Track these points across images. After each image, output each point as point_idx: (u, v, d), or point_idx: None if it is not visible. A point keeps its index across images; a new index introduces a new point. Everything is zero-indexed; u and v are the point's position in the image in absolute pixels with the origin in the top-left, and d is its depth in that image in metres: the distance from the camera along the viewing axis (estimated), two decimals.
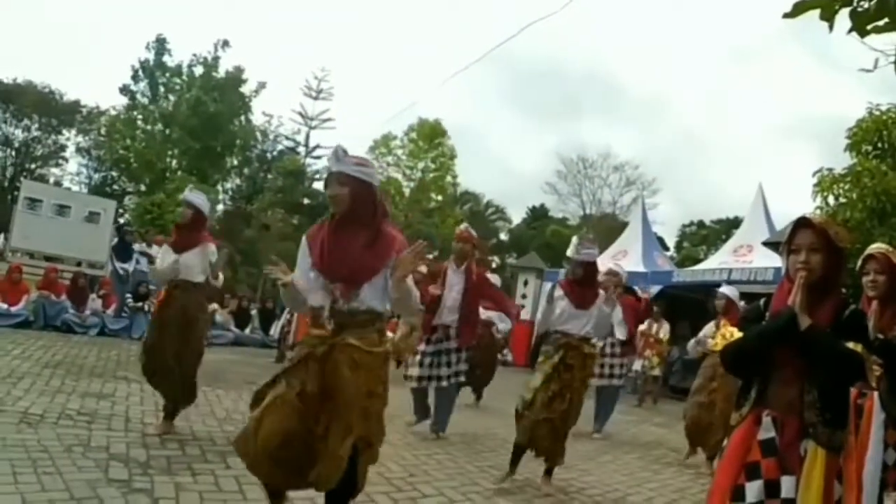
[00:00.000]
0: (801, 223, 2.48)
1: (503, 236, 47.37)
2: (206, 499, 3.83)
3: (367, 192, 3.12)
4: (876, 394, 3.48)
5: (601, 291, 5.33)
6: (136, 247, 12.86)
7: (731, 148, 61.21)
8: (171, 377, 5.27)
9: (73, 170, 41.65)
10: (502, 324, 9.27)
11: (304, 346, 3.14)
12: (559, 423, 5.00)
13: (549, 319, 5.26)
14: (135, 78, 34.39)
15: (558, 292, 5.24)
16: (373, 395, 3.04)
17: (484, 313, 9.25)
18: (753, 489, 2.33)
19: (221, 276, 5.72)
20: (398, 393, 5.97)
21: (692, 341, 7.06)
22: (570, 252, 5.30)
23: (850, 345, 2.36)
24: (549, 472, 5.15)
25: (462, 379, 6.65)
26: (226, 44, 34.28)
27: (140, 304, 12.06)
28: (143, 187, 33.58)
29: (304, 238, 3.33)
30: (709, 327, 6.83)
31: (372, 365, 3.04)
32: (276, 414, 2.94)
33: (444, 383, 6.34)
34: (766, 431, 2.40)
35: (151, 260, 5.62)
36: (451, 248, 6.60)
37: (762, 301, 2.69)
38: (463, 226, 6.78)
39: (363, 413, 2.99)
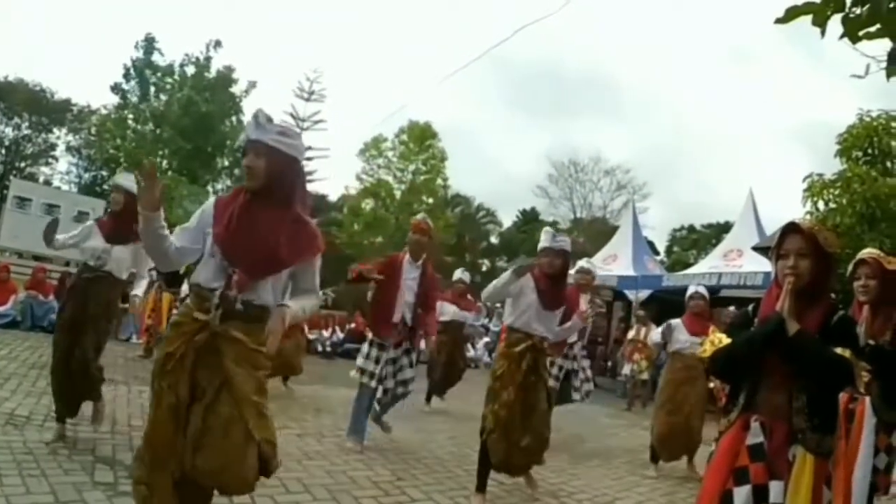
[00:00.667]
0: (790, 228, 2.49)
1: (494, 239, 47.44)
2: None
3: (286, 167, 2.72)
4: (868, 398, 3.49)
5: (583, 303, 5.21)
6: None
7: (722, 152, 61.52)
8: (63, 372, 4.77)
9: (63, 169, 41.67)
10: (474, 321, 9.05)
11: (179, 332, 2.66)
12: (539, 442, 4.72)
13: (502, 294, 4.78)
14: (126, 77, 34.29)
15: (529, 282, 4.72)
16: (262, 391, 2.68)
17: (458, 313, 9.22)
18: (742, 494, 2.33)
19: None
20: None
21: (657, 334, 6.84)
22: (545, 242, 4.78)
23: (839, 350, 2.35)
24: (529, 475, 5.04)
25: (409, 387, 6.06)
26: (218, 44, 34.25)
27: (126, 305, 11.90)
28: None
29: (211, 200, 2.90)
30: (675, 323, 6.58)
31: (258, 363, 2.68)
32: (154, 420, 2.61)
33: (400, 389, 5.94)
34: (755, 437, 2.40)
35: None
36: (407, 240, 6.02)
37: (751, 306, 2.69)
38: (420, 216, 6.26)
39: (258, 411, 2.62)
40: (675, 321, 6.62)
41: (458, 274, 9.80)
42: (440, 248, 30.43)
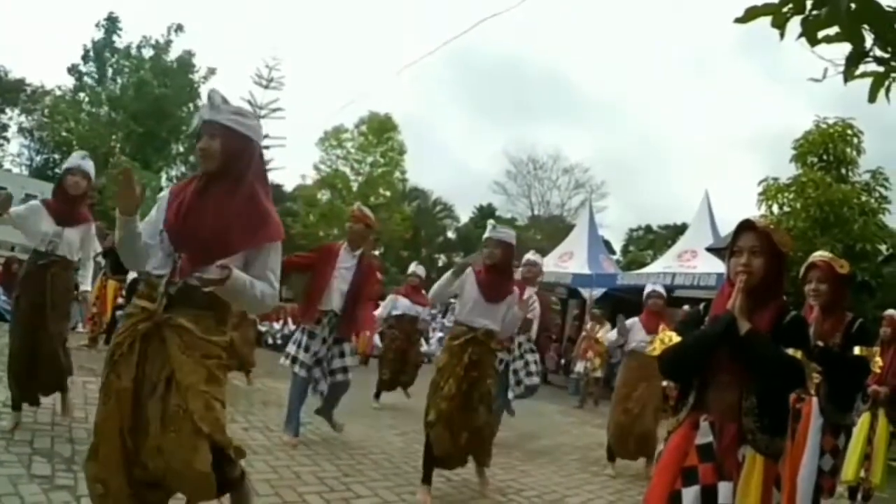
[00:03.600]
0: (745, 226, 2.46)
1: (450, 234, 47.43)
2: None
3: (243, 148, 2.61)
4: (815, 399, 3.51)
5: (516, 290, 4.99)
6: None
7: (680, 155, 62.25)
8: (27, 360, 4.68)
9: (14, 150, 40.59)
10: (427, 315, 8.96)
11: (128, 322, 2.55)
12: (478, 439, 4.74)
13: (445, 293, 4.87)
14: (85, 58, 33.64)
15: (471, 277, 4.75)
16: (212, 381, 2.53)
17: (411, 307, 9.12)
18: (690, 494, 2.29)
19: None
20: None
21: (613, 333, 6.77)
22: (487, 233, 4.81)
23: (791, 351, 2.33)
24: (481, 473, 5.03)
25: (349, 375, 5.83)
26: (179, 28, 33.84)
27: (75, 292, 11.63)
28: None
29: (167, 190, 2.81)
30: (632, 322, 6.52)
31: (208, 352, 2.54)
32: (104, 413, 2.48)
33: (340, 377, 5.70)
34: (704, 436, 2.36)
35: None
36: (346, 230, 5.97)
37: (702, 305, 2.66)
38: (356, 205, 6.19)
39: (205, 402, 2.47)
40: (632, 320, 6.57)
41: (413, 268, 9.70)
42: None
